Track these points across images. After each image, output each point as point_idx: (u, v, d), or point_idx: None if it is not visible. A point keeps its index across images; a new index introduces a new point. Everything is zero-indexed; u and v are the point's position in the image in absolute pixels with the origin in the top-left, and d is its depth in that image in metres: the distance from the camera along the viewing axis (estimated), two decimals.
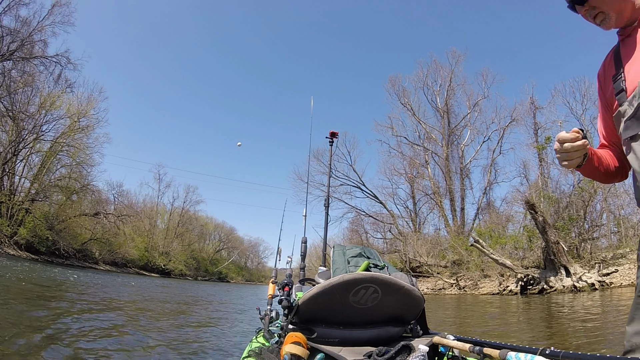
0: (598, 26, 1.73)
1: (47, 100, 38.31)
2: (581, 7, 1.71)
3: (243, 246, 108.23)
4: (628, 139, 1.56)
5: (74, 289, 14.02)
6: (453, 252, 33.78)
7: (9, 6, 34.26)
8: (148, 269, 59.01)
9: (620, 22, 1.68)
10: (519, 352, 1.36)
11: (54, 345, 4.97)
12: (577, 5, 1.71)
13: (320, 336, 2.04)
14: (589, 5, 1.67)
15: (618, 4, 1.63)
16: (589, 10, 1.69)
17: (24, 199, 37.55)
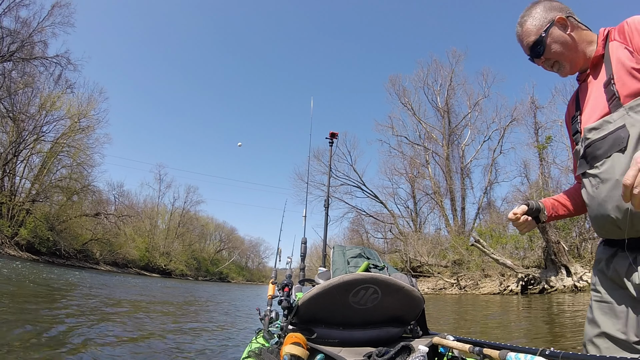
0: (557, 73, 1.94)
1: (47, 101, 38.37)
2: (538, 60, 1.91)
3: (244, 246, 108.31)
4: (579, 175, 1.81)
5: (75, 289, 14.03)
6: (454, 251, 33.75)
7: (9, 7, 34.32)
8: (149, 269, 59.04)
9: (574, 70, 1.89)
10: (519, 352, 1.36)
11: (56, 343, 4.98)
12: (535, 58, 1.91)
13: (320, 337, 2.04)
14: (545, 57, 1.88)
15: (569, 55, 1.84)
16: (546, 61, 1.90)
17: (24, 199, 37.60)
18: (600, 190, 1.64)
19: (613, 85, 1.63)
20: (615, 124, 1.60)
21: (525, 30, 1.89)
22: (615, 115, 1.60)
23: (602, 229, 1.74)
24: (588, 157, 1.72)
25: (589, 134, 1.71)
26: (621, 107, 1.59)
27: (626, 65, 1.62)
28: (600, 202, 1.64)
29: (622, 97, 1.60)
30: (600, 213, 1.66)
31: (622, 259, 1.68)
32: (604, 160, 1.63)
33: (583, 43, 1.84)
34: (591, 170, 1.70)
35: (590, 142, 1.70)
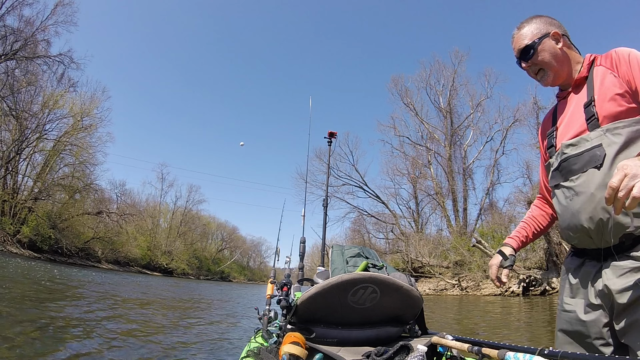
0: (538, 82, 2.06)
1: (50, 100, 38.42)
2: (525, 63, 2.02)
3: (245, 246, 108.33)
4: (553, 186, 1.95)
5: (77, 287, 14.05)
6: (455, 252, 33.73)
7: (12, 6, 34.47)
8: (150, 268, 59.11)
9: (556, 82, 2.01)
10: (518, 352, 1.36)
11: (57, 341, 4.99)
12: (523, 61, 2.02)
13: (318, 336, 2.04)
14: (532, 62, 1.99)
15: (555, 66, 1.96)
16: (532, 66, 2.01)
17: (27, 197, 37.70)
18: (574, 201, 1.76)
19: (593, 106, 1.77)
20: (591, 143, 1.72)
21: (520, 34, 2.01)
22: (593, 134, 1.73)
23: (573, 239, 1.85)
24: (563, 171, 1.85)
25: (566, 149, 1.83)
26: (599, 127, 1.72)
27: (610, 90, 1.74)
28: (573, 212, 1.76)
29: (600, 118, 1.73)
30: (574, 223, 1.77)
31: (589, 267, 1.79)
32: (579, 175, 1.75)
33: (570, 61, 1.97)
34: (565, 183, 1.83)
35: (566, 157, 1.82)
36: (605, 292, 1.66)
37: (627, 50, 1.79)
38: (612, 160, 1.64)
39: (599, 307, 1.70)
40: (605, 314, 1.69)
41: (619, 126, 1.68)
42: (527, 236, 2.25)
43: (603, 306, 1.69)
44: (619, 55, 1.78)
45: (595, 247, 1.73)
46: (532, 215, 2.30)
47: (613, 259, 1.67)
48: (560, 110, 2.03)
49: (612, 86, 1.74)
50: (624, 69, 1.74)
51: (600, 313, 1.70)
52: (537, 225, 2.26)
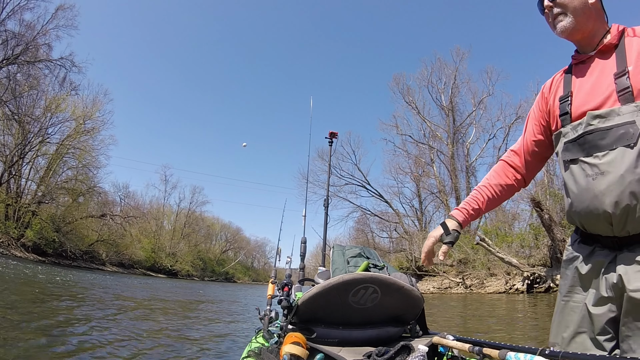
0: (553, 30, 1.85)
1: (52, 103, 38.55)
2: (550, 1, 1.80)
3: (249, 246, 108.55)
4: (568, 160, 1.72)
5: (81, 290, 14.08)
6: (459, 250, 33.65)
7: (13, 10, 34.54)
8: (155, 270, 59.22)
9: (574, 34, 1.80)
10: (519, 352, 1.35)
11: (62, 343, 5.01)
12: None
13: (319, 336, 2.03)
14: (557, 3, 1.77)
15: (581, 16, 1.75)
16: (554, 7, 1.79)
17: (30, 201, 37.79)
18: (598, 182, 1.56)
19: (628, 78, 1.58)
20: (623, 118, 1.54)
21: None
22: (625, 109, 1.55)
23: (588, 222, 1.68)
24: (586, 145, 1.64)
25: (592, 121, 1.63)
26: (633, 102, 1.54)
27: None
28: (596, 194, 1.57)
29: (635, 91, 1.55)
30: (594, 206, 1.59)
31: (601, 256, 1.66)
32: (607, 152, 1.56)
33: (597, 21, 1.78)
34: (588, 159, 1.62)
35: (592, 130, 1.62)
36: (620, 286, 1.53)
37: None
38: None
39: (609, 301, 1.59)
40: (614, 309, 1.58)
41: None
42: (478, 208, 2.06)
43: (613, 300, 1.57)
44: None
45: (612, 235, 1.59)
46: (488, 183, 2.10)
47: (629, 251, 1.55)
48: (577, 74, 1.83)
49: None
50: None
51: (609, 307, 1.58)
52: (492, 193, 2.08)
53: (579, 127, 1.68)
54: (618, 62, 1.66)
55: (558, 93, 1.87)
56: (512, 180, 2.08)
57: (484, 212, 2.07)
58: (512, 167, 2.10)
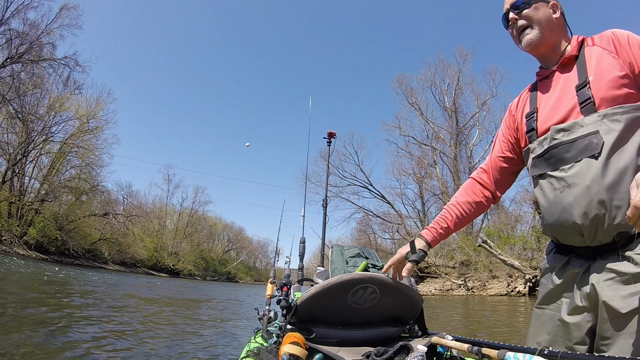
0: (517, 43, 1.90)
1: (56, 102, 38.68)
2: (515, 16, 1.85)
3: (252, 246, 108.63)
4: (536, 175, 1.78)
5: (83, 288, 14.10)
6: (461, 252, 33.65)
7: (17, 9, 34.62)
8: (157, 269, 59.33)
9: (538, 47, 1.84)
10: (518, 352, 1.34)
11: (65, 341, 5.01)
12: (513, 11, 1.85)
13: (318, 336, 2.03)
14: (524, 15, 1.83)
15: (545, 30, 1.81)
16: (521, 20, 1.84)
17: (33, 199, 37.91)
18: (566, 194, 1.60)
19: (589, 89, 1.62)
20: (586, 129, 1.58)
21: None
22: (588, 119, 1.59)
23: (560, 234, 1.72)
24: (552, 159, 1.69)
25: (557, 135, 1.67)
26: (595, 112, 1.58)
27: (608, 71, 1.61)
28: (564, 206, 1.61)
29: (597, 101, 1.59)
30: (564, 218, 1.63)
31: (575, 266, 1.68)
32: (572, 164, 1.60)
33: (561, 34, 1.84)
34: (555, 173, 1.67)
35: (557, 144, 1.67)
36: (593, 295, 1.56)
37: (625, 31, 1.68)
38: (610, 149, 1.51)
39: (584, 310, 1.60)
40: (590, 318, 1.59)
41: (618, 112, 1.55)
42: (447, 227, 2.07)
43: (589, 309, 1.59)
44: (617, 36, 1.67)
45: (585, 245, 1.62)
46: (457, 201, 2.12)
47: (602, 259, 1.58)
48: (542, 90, 1.88)
49: (611, 67, 1.62)
50: (625, 50, 1.62)
51: (585, 317, 1.60)
52: (461, 212, 2.09)
53: (544, 142, 1.73)
54: (579, 73, 1.70)
55: (525, 110, 1.93)
56: (481, 198, 2.12)
57: (453, 230, 2.09)
58: (481, 184, 2.15)
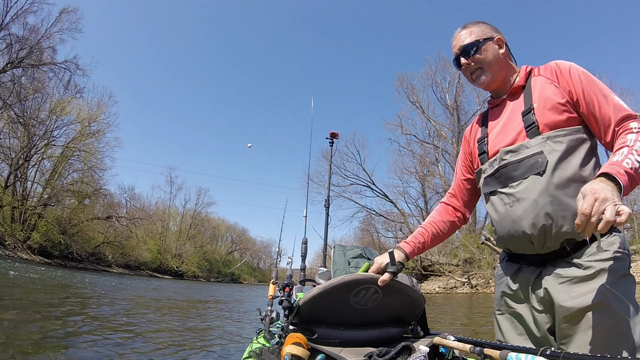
0: (472, 82, 2.05)
1: (57, 106, 38.80)
2: (466, 60, 1.99)
3: (255, 247, 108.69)
4: (488, 193, 1.95)
5: (88, 291, 14.13)
6: (465, 250, 33.66)
7: (17, 14, 34.67)
8: (161, 271, 59.46)
9: (491, 85, 2.01)
10: (520, 352, 1.33)
11: (71, 343, 5.03)
12: (463, 57, 1.99)
13: (320, 337, 2.02)
14: (473, 60, 1.97)
15: (495, 69, 1.96)
16: (472, 64, 1.98)
17: (36, 203, 38.05)
18: (515, 208, 1.76)
19: (533, 114, 1.80)
20: (532, 150, 1.75)
21: (466, 32, 2.00)
22: (533, 141, 1.76)
23: (513, 244, 1.86)
24: (501, 177, 1.85)
25: (505, 156, 1.84)
26: (539, 135, 1.75)
27: (550, 99, 1.78)
28: (514, 219, 1.76)
29: (541, 125, 1.76)
30: (515, 229, 1.78)
31: (527, 273, 1.83)
32: (520, 181, 1.76)
33: (508, 69, 2.00)
34: (505, 189, 1.83)
35: (506, 164, 1.83)
36: (547, 298, 1.70)
37: (567, 62, 1.85)
38: (554, 167, 1.68)
39: (541, 312, 1.74)
40: (547, 319, 1.73)
41: (560, 134, 1.72)
42: (423, 242, 2.21)
43: (544, 311, 1.73)
44: (559, 67, 1.84)
45: (535, 252, 1.77)
46: (433, 221, 2.28)
47: (552, 265, 1.73)
48: (492, 117, 2.06)
49: (553, 95, 1.78)
50: (565, 80, 1.79)
51: (543, 317, 1.74)
52: (436, 230, 2.24)
53: (494, 163, 1.89)
54: (525, 101, 1.88)
55: (477, 136, 2.11)
56: (454, 218, 2.27)
57: (429, 246, 2.25)
58: (452, 207, 2.29)
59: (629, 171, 1.46)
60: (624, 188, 1.40)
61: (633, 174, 1.47)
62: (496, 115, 2.02)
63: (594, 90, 1.73)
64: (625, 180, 1.42)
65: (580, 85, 1.75)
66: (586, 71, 1.80)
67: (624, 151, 1.54)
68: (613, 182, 1.40)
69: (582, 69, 1.81)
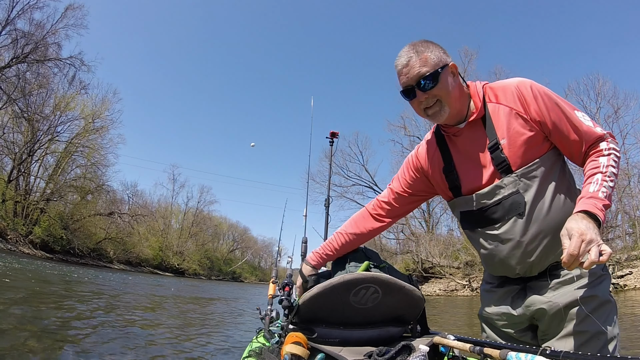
0: (425, 117, 1.86)
1: (61, 102, 38.90)
2: (422, 94, 1.76)
3: (257, 246, 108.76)
4: (467, 228, 1.97)
5: (88, 287, 14.14)
6: (466, 252, 33.61)
7: (22, 9, 34.76)
8: (162, 269, 59.51)
9: (450, 118, 1.83)
10: (519, 352, 1.34)
11: (71, 341, 5.03)
12: (420, 90, 1.76)
13: (320, 336, 2.02)
14: (432, 94, 1.75)
15: (454, 100, 1.79)
16: (429, 99, 1.77)
17: (39, 198, 38.11)
18: (500, 248, 1.80)
19: (501, 151, 1.74)
20: (507, 189, 1.74)
21: (421, 59, 1.74)
22: (507, 180, 1.74)
23: (500, 272, 1.92)
24: (481, 218, 1.85)
25: (482, 200, 1.81)
26: (512, 173, 1.73)
27: (520, 134, 1.72)
28: (502, 258, 1.81)
29: (512, 162, 1.72)
30: (502, 266, 1.85)
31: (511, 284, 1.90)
32: (501, 223, 1.77)
33: (462, 98, 1.83)
34: (488, 230, 1.84)
35: (484, 207, 1.82)
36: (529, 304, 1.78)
37: (527, 83, 1.76)
38: (531, 204, 1.70)
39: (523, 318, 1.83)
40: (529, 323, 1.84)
41: (533, 168, 1.71)
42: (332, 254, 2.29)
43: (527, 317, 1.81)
44: (522, 93, 1.74)
45: (520, 276, 1.83)
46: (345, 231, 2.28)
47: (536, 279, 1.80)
48: (454, 146, 1.94)
49: (522, 129, 1.72)
50: (532, 108, 1.72)
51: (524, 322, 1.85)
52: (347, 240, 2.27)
53: (471, 203, 1.87)
54: (489, 134, 1.79)
55: (437, 164, 2.01)
56: (369, 229, 2.26)
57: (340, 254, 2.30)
58: (374, 218, 2.27)
59: (605, 202, 1.52)
60: (602, 222, 1.46)
61: (608, 203, 1.54)
62: (458, 145, 1.92)
63: (562, 115, 1.71)
64: (603, 215, 1.48)
65: (547, 112, 1.70)
66: (548, 90, 1.75)
67: (597, 178, 1.59)
68: (594, 220, 1.45)
69: (544, 88, 1.75)
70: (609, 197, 1.55)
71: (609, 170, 1.60)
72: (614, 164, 1.63)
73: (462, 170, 1.91)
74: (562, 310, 1.69)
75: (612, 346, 1.64)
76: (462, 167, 1.91)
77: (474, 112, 1.83)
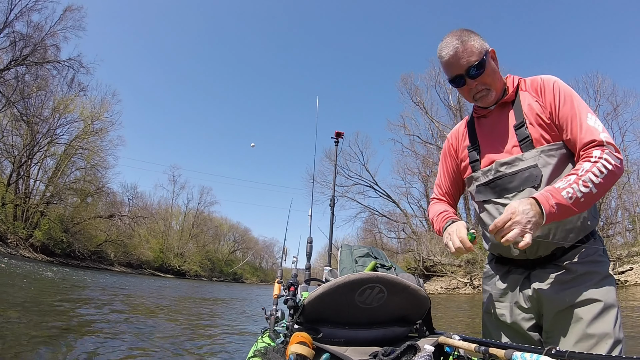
0: (472, 102, 2.02)
1: (60, 104, 38.83)
2: (472, 81, 1.90)
3: (258, 247, 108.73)
4: (482, 201, 1.99)
5: (89, 290, 14.14)
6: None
7: (21, 12, 34.70)
8: (163, 270, 59.46)
9: (494, 100, 1.97)
10: (525, 352, 1.34)
11: (73, 344, 5.04)
12: (469, 79, 1.89)
13: (325, 336, 2.02)
14: (480, 81, 1.89)
15: (497, 84, 1.93)
16: (478, 85, 1.91)
17: (39, 201, 38.06)
18: None
19: (526, 128, 1.84)
20: (526, 163, 1.81)
21: (467, 48, 1.85)
22: (528, 155, 1.81)
23: (506, 251, 1.94)
24: (497, 188, 1.90)
25: (500, 167, 1.88)
26: (533, 148, 1.81)
27: (538, 116, 1.83)
28: None
29: (534, 139, 1.81)
30: None
31: (516, 274, 1.93)
32: (515, 193, 1.83)
33: (501, 79, 1.98)
34: (500, 200, 1.89)
35: (501, 175, 1.88)
36: (535, 297, 1.82)
37: (552, 79, 1.87)
38: (548, 179, 1.75)
39: (529, 311, 1.86)
40: (534, 317, 1.86)
41: (553, 148, 1.78)
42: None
43: (532, 310, 1.85)
44: (544, 84, 1.86)
45: (525, 258, 1.86)
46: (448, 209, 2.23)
47: (541, 268, 1.83)
48: (480, 126, 2.07)
49: (539, 112, 1.83)
50: (547, 98, 1.83)
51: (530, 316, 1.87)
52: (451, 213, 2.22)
53: (489, 173, 1.94)
54: (516, 114, 1.90)
55: (465, 143, 2.12)
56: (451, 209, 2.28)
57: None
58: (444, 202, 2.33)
59: (563, 201, 1.56)
60: (547, 217, 1.52)
61: (567, 205, 1.57)
62: (485, 125, 2.04)
63: (571, 111, 1.76)
64: (552, 211, 1.53)
65: (558, 104, 1.79)
66: (569, 89, 1.83)
67: (570, 179, 1.61)
68: (539, 210, 1.52)
69: (566, 86, 1.84)
70: (576, 200, 1.57)
71: (588, 175, 1.59)
72: (597, 173, 1.60)
73: (484, 145, 2.01)
74: (568, 310, 1.71)
75: (617, 350, 1.65)
76: (485, 143, 2.01)
77: (507, 96, 1.95)
